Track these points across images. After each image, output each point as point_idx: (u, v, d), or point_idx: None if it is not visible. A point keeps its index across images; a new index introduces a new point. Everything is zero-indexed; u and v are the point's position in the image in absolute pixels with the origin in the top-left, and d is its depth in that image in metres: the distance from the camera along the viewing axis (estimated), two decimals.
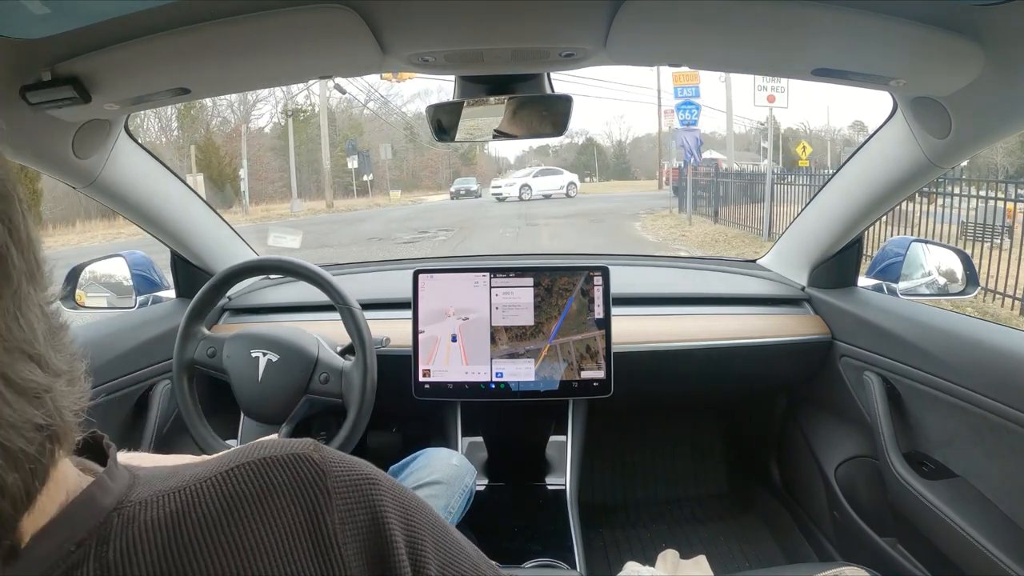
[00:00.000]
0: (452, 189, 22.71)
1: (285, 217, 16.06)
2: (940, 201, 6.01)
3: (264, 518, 0.33)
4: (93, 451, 0.38)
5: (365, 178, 20.89)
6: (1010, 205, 5.40)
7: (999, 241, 5.34)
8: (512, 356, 1.22)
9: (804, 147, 10.71)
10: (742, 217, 9.78)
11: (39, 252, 0.30)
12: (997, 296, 4.88)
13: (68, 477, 0.32)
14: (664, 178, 20.29)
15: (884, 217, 6.18)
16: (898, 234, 5.67)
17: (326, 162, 20.81)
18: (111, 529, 0.31)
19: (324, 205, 19.22)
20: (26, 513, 0.28)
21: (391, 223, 12.98)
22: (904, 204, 6.18)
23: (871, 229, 5.77)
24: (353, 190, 21.38)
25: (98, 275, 1.36)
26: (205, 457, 0.41)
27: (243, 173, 17.60)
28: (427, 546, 0.38)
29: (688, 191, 11.41)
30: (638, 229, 11.08)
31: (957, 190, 5.70)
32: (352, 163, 19.77)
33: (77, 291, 1.32)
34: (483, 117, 0.97)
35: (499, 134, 0.98)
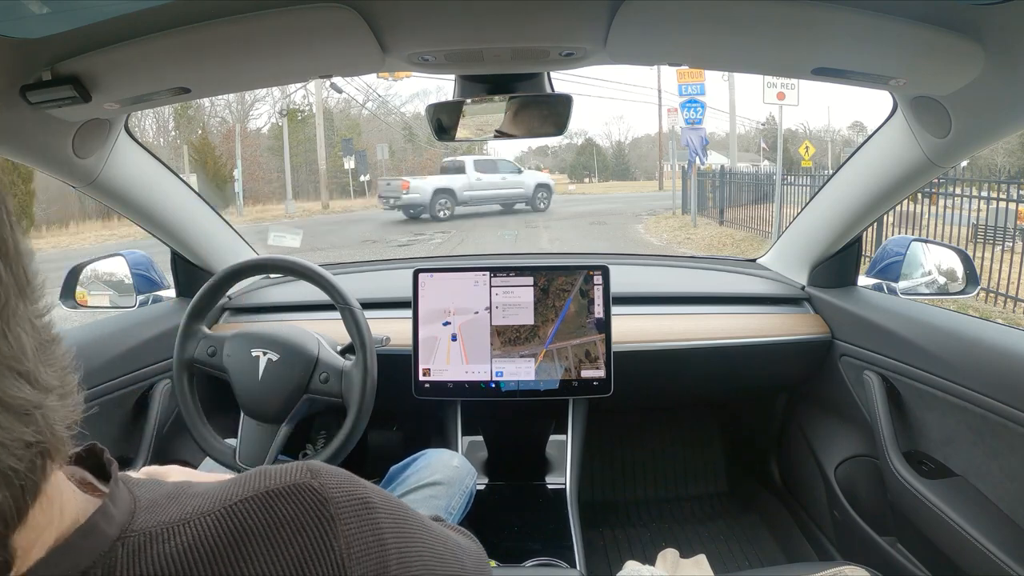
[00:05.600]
0: None
1: (279, 219, 15.97)
2: (942, 202, 5.97)
3: (272, 552, 0.33)
4: (90, 461, 0.38)
5: (362, 179, 20.78)
6: (1021, 207, 5.34)
7: (1011, 244, 5.30)
8: (512, 355, 1.22)
9: (807, 147, 10.61)
10: (749, 218, 9.63)
11: (29, 265, 0.29)
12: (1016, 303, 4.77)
13: (63, 492, 0.31)
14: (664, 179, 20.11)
15: (892, 219, 6.14)
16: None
17: (322, 163, 20.74)
18: (116, 560, 0.31)
19: (319, 206, 19.16)
20: (18, 529, 0.27)
21: (386, 224, 12.89)
22: (912, 206, 6.15)
23: (879, 231, 5.70)
24: (350, 191, 21.31)
25: (99, 274, 1.37)
26: (203, 476, 0.41)
27: (237, 173, 17.51)
28: (418, 554, 0.40)
29: (693, 192, 11.19)
30: (641, 232, 11.00)
31: (959, 190, 5.65)
32: (349, 163, 19.69)
33: (78, 290, 1.32)
34: (483, 116, 0.97)
35: (499, 134, 0.98)
